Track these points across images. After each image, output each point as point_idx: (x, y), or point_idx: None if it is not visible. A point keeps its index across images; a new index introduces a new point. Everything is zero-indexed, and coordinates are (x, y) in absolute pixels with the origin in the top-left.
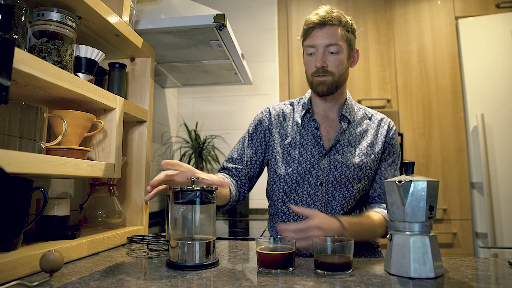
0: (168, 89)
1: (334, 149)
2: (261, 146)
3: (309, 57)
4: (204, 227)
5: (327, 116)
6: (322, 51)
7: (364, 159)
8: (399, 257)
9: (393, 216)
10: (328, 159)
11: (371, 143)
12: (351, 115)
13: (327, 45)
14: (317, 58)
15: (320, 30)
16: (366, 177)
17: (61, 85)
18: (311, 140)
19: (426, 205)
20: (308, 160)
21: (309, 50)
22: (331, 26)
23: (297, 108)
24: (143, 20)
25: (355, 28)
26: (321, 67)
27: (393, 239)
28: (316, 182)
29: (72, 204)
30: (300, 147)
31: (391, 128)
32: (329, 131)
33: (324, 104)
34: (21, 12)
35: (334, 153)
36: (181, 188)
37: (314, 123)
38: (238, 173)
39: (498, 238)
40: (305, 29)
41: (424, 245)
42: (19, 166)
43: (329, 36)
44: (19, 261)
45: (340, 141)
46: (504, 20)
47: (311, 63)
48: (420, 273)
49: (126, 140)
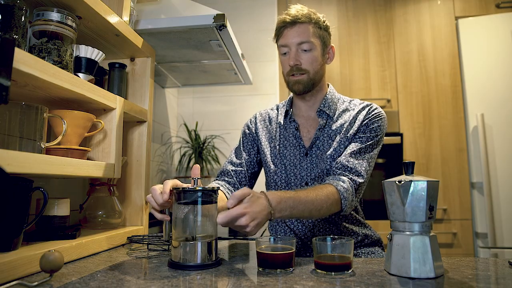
0: (168, 89)
1: (315, 146)
2: (253, 149)
3: (283, 57)
4: (206, 227)
5: (308, 116)
6: (294, 49)
7: (337, 147)
8: (399, 257)
9: (393, 216)
10: (310, 158)
11: (346, 131)
12: (330, 109)
13: (299, 43)
14: (290, 57)
15: (291, 28)
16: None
17: (61, 85)
18: (292, 141)
19: (426, 205)
20: (291, 162)
21: (283, 50)
22: (301, 24)
23: (281, 111)
24: (143, 20)
25: (328, 25)
26: (294, 65)
27: (393, 239)
28: (301, 183)
29: (72, 204)
30: (284, 149)
31: (370, 111)
32: (309, 130)
33: (304, 104)
34: (21, 12)
35: (315, 151)
36: (183, 188)
37: (294, 124)
38: (239, 174)
39: (498, 238)
40: (276, 29)
41: (424, 245)
42: (19, 166)
43: (300, 34)
44: (19, 261)
45: (319, 137)
46: (504, 20)
47: (285, 62)
48: (420, 273)
49: (126, 140)
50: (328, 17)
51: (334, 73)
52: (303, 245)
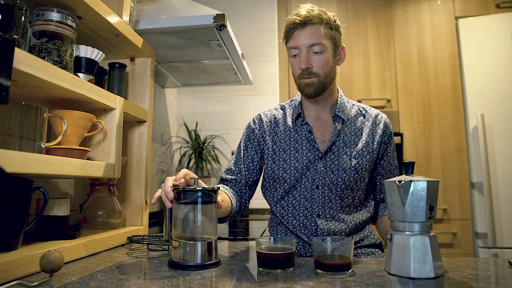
0: (168, 89)
1: (330, 151)
2: (256, 154)
3: (293, 59)
4: (206, 227)
5: (319, 118)
6: (305, 52)
7: (360, 161)
8: (399, 257)
9: (393, 216)
10: (324, 162)
11: (366, 143)
12: (345, 113)
13: (310, 45)
14: (301, 60)
15: (302, 30)
16: (361, 178)
17: (61, 85)
18: (305, 144)
19: (426, 205)
20: (304, 165)
21: (293, 52)
22: (312, 25)
23: (288, 112)
24: (143, 20)
25: (339, 25)
26: (305, 69)
27: (393, 239)
28: (312, 186)
29: (72, 204)
30: (295, 152)
31: (387, 126)
32: (323, 133)
33: (315, 106)
34: (21, 12)
35: (330, 156)
36: (183, 188)
37: (306, 127)
38: (237, 183)
39: (498, 238)
40: (286, 31)
41: (424, 245)
42: (19, 166)
43: (311, 35)
44: (19, 261)
45: (336, 142)
46: (504, 20)
47: (295, 65)
48: (420, 273)
49: (126, 140)
50: None
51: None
52: (303, 245)
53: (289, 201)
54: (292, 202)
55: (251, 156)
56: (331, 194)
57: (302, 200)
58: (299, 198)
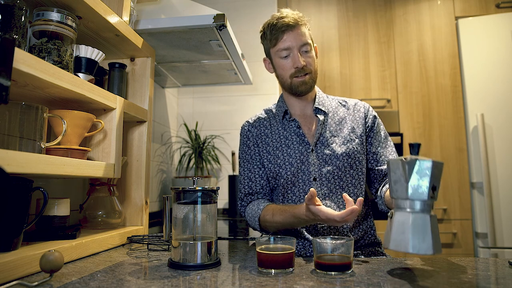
0: (168, 89)
1: (319, 142)
2: (260, 161)
3: (284, 60)
4: (206, 227)
5: (304, 114)
6: (296, 52)
7: (349, 145)
8: (399, 233)
9: (396, 194)
10: (316, 153)
11: (352, 129)
12: (325, 106)
13: (301, 45)
14: (296, 59)
15: (292, 32)
16: (357, 161)
17: (61, 85)
18: (296, 139)
19: (429, 184)
20: (298, 159)
21: (283, 53)
22: (299, 27)
23: (274, 112)
24: (143, 20)
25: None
26: (303, 67)
27: (394, 216)
28: (309, 178)
29: (72, 204)
30: (287, 148)
31: (367, 108)
32: (310, 128)
33: (299, 103)
34: (21, 12)
35: (320, 147)
36: (183, 188)
37: (294, 123)
38: (266, 195)
39: (498, 238)
40: (274, 34)
41: (425, 223)
42: (19, 166)
43: (301, 36)
44: (19, 261)
45: (322, 133)
46: (504, 20)
47: (287, 65)
48: (419, 249)
49: (126, 140)
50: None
51: (334, 73)
52: (303, 245)
53: (289, 198)
54: (292, 198)
55: (258, 166)
56: (330, 184)
57: (302, 195)
58: (298, 193)
